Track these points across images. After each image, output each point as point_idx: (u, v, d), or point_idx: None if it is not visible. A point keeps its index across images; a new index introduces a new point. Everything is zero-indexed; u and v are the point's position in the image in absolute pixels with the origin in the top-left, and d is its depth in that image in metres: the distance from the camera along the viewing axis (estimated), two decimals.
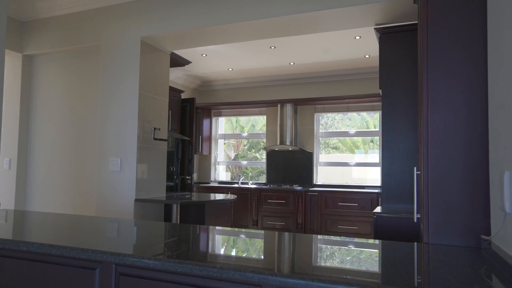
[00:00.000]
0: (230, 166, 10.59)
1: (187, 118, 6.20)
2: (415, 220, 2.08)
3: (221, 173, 8.22)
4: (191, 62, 4.57)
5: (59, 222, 2.08)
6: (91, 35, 3.88)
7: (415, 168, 2.08)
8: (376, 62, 6.02)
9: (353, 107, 6.78)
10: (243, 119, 11.21)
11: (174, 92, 5.94)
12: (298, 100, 6.66)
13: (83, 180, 3.92)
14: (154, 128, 3.75)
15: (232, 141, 11.40)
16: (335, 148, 9.74)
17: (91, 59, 4.00)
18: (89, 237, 1.67)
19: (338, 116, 8.82)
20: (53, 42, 4.07)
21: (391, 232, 2.61)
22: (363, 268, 1.27)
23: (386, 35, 3.25)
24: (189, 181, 6.09)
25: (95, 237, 1.68)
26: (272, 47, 5.45)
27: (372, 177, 7.19)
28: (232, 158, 10.66)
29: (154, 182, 3.80)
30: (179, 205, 3.60)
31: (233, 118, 11.15)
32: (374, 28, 3.28)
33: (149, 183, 3.72)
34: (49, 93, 4.22)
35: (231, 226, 6.58)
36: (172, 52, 4.24)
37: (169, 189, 5.87)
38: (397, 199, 3.11)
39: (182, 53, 5.14)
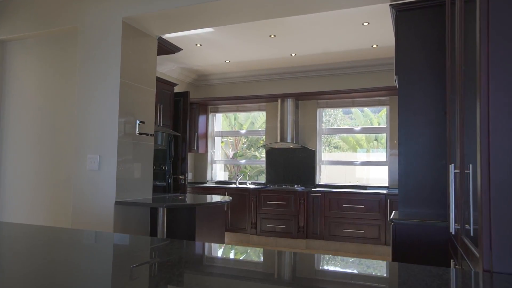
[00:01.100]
0: (228, 166, 10.16)
1: (181, 114, 5.76)
2: (452, 232, 1.64)
3: (218, 173, 7.79)
4: (182, 50, 4.14)
5: (10, 239, 1.65)
6: (67, 17, 3.45)
7: (451, 166, 1.65)
8: (384, 53, 5.64)
9: (358, 102, 6.34)
10: (242, 117, 10.76)
11: (166, 85, 5.51)
12: (299, 94, 6.23)
13: (59, 179, 3.49)
14: (139, 122, 3.31)
15: (231, 139, 10.99)
16: (337, 147, 9.34)
17: (68, 45, 3.56)
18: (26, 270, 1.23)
19: (340, 114, 8.40)
20: (26, 25, 3.63)
21: (414, 244, 2.17)
22: None
23: (403, 13, 2.81)
24: (182, 181, 5.66)
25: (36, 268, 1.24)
26: (272, 36, 5.01)
27: (378, 177, 6.76)
28: (231, 157, 10.24)
29: (138, 182, 3.37)
30: (165, 208, 3.17)
31: (231, 116, 10.72)
32: (390, 5, 2.85)
33: (132, 183, 3.29)
34: (22, 82, 3.79)
35: (227, 230, 6.17)
36: (161, 38, 3.81)
37: (161, 189, 5.46)
38: (416, 202, 2.68)
39: (174, 43, 4.70)
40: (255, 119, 10.58)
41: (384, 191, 5.54)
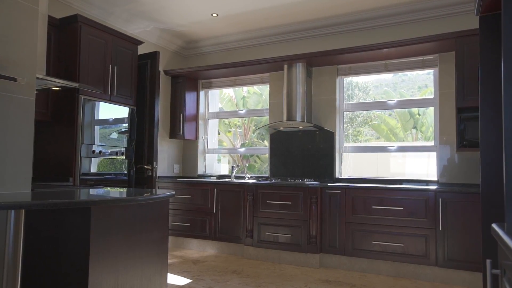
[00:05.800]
0: (235, 158, 8.63)
1: (147, 82, 4.27)
2: None
3: (220, 165, 6.24)
4: None
5: None
6: None
7: None
8: None
9: (393, 66, 4.60)
10: (250, 101, 9.19)
11: (123, 41, 4.04)
12: (312, 55, 4.57)
13: None
14: None
15: (239, 129, 9.44)
16: (366, 141, 7.61)
17: None
18: None
19: (368, 99, 6.71)
20: None
21: None
22: None
23: None
24: (149, 173, 4.17)
25: None
26: None
27: (421, 172, 5.03)
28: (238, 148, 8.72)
29: None
30: (19, 211, 1.65)
31: (240, 101, 9.19)
32: None
33: None
34: None
35: (216, 239, 4.64)
36: None
37: (123, 184, 4.00)
38: None
39: None
40: (267, 103, 8.93)
41: (433, 187, 3.80)
